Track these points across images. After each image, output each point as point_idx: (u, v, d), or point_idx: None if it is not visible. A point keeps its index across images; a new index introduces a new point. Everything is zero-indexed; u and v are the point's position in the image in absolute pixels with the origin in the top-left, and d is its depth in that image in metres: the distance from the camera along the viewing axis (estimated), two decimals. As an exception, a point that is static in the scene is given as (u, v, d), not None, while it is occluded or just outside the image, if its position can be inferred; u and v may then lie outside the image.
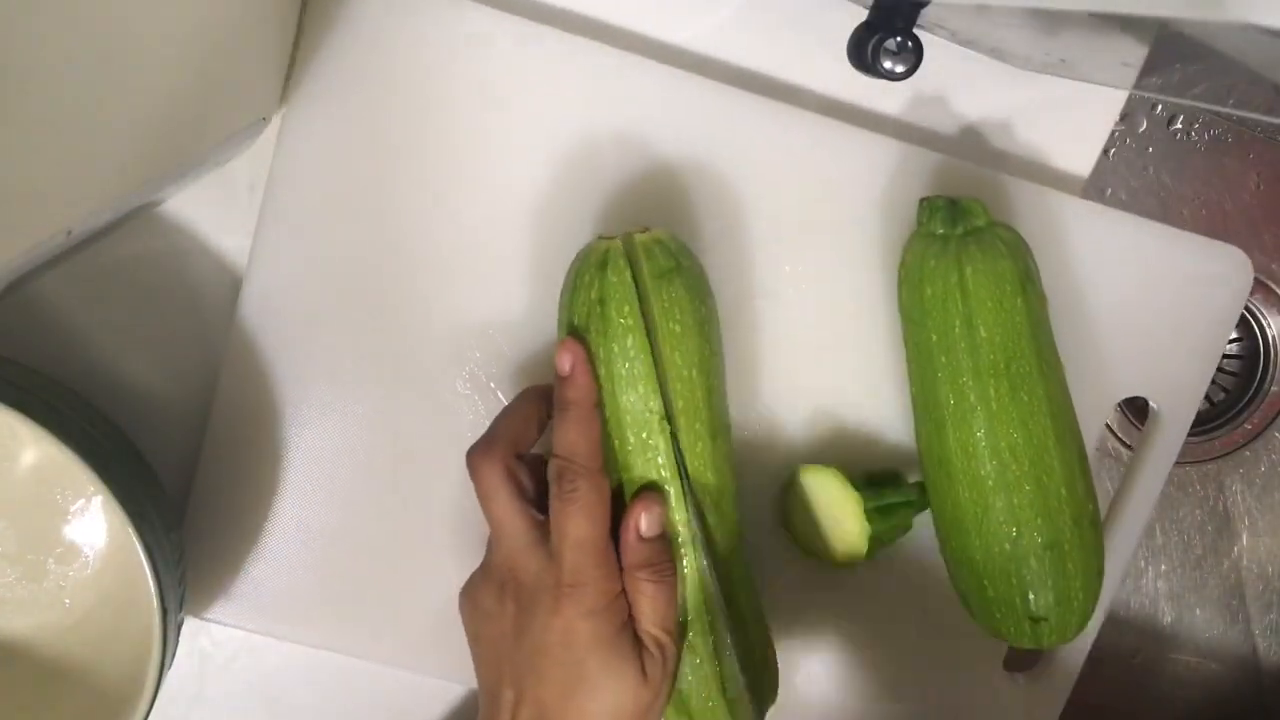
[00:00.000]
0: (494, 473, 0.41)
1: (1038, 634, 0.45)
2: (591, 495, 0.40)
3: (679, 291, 0.42)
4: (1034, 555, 0.44)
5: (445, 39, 0.47)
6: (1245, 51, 0.31)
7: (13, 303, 0.47)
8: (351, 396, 0.48)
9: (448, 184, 0.47)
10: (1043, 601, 0.44)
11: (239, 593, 0.48)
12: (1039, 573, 0.44)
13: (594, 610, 0.39)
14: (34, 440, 0.44)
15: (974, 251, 0.44)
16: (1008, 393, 0.44)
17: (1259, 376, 0.74)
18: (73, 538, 0.46)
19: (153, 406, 0.48)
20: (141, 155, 0.36)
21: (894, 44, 0.41)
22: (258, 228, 0.47)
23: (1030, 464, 0.44)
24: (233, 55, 0.40)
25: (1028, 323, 0.44)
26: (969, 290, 0.44)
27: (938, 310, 0.45)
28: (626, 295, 0.41)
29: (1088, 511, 0.45)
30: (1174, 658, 0.70)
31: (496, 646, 0.41)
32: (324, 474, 0.48)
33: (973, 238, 0.45)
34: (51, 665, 0.45)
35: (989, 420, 0.44)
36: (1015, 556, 0.44)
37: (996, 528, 0.44)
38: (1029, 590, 0.44)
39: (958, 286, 0.44)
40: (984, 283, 0.44)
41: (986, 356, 0.44)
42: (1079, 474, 0.45)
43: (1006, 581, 0.45)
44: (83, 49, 0.29)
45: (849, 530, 0.47)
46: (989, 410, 0.44)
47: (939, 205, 0.46)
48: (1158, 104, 0.63)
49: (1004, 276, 0.44)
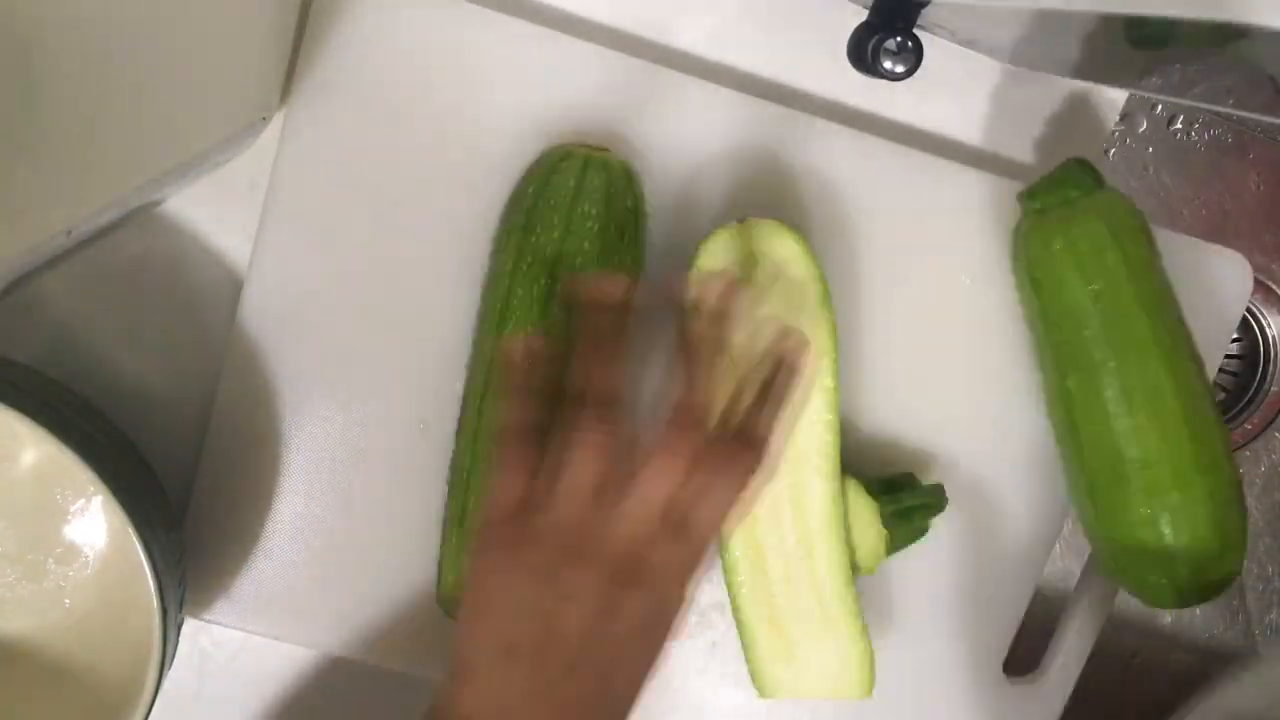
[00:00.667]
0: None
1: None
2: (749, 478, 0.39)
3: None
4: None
5: (445, 39, 0.47)
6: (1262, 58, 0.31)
7: (13, 303, 0.47)
8: (352, 396, 0.48)
9: (448, 184, 0.47)
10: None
11: (239, 593, 0.48)
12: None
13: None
14: (34, 440, 0.44)
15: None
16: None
17: (1259, 376, 0.74)
18: (73, 538, 0.46)
19: (153, 406, 0.48)
20: (141, 155, 0.36)
21: (894, 44, 0.41)
22: (259, 228, 0.47)
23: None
24: (233, 55, 0.40)
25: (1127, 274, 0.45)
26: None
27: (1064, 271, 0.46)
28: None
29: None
30: (1174, 658, 0.70)
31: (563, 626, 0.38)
32: (324, 474, 0.48)
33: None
34: (51, 665, 0.45)
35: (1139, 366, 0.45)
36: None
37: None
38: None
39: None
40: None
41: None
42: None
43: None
44: (83, 49, 0.29)
45: (867, 537, 0.47)
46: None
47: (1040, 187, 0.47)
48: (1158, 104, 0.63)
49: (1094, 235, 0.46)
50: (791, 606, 0.46)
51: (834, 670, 0.47)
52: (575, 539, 0.38)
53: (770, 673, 0.47)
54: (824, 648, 0.47)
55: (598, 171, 0.44)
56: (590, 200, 0.44)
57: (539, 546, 0.38)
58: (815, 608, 0.46)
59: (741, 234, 0.45)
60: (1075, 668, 0.54)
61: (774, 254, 0.45)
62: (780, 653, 0.47)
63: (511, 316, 0.44)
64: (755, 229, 0.45)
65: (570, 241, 0.44)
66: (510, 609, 0.38)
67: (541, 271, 0.44)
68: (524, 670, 0.37)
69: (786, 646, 0.47)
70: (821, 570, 0.46)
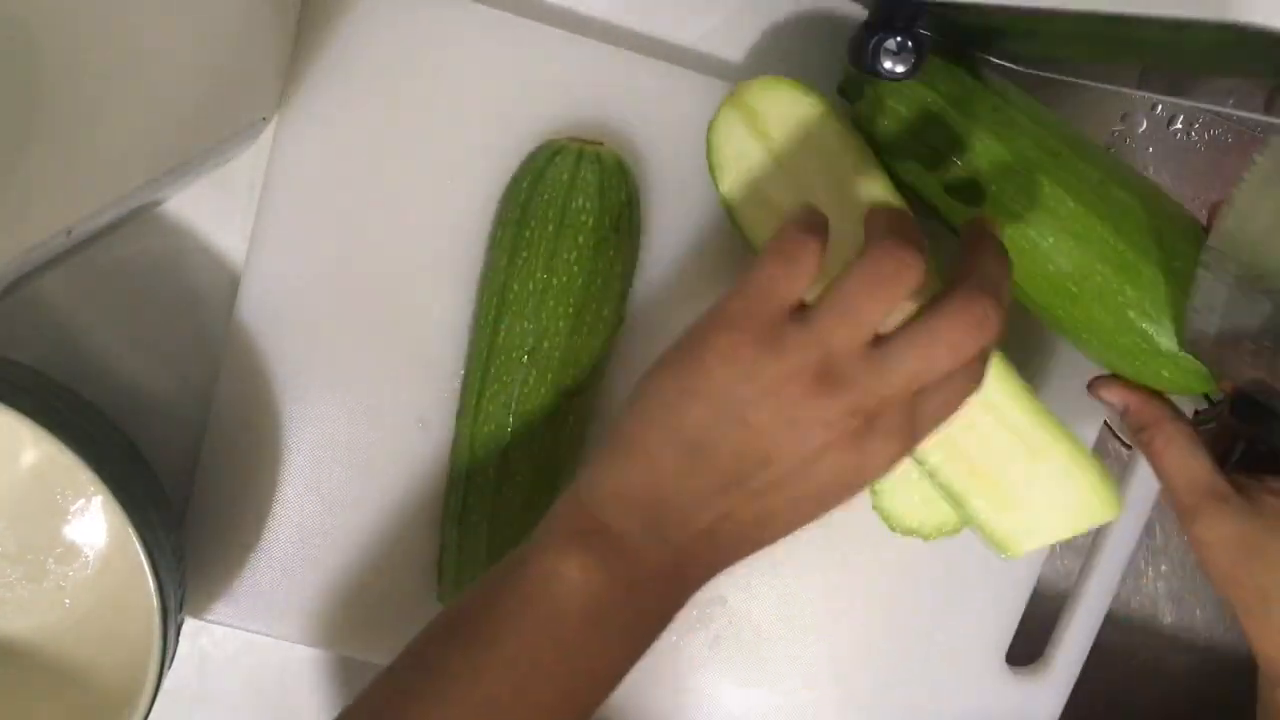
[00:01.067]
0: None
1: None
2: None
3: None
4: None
5: (445, 39, 0.47)
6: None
7: (13, 303, 0.47)
8: (351, 396, 0.48)
9: (447, 183, 0.47)
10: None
11: (239, 593, 0.48)
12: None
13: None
14: (34, 440, 0.44)
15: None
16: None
17: (1259, 376, 0.73)
18: (73, 538, 0.46)
19: (153, 406, 0.48)
20: (141, 155, 0.36)
21: (894, 44, 0.41)
22: (255, 227, 0.47)
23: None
24: (233, 55, 0.40)
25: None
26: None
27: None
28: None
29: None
30: (1174, 658, 0.70)
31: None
32: (324, 474, 0.48)
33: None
34: (51, 665, 0.45)
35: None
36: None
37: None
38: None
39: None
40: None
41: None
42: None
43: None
44: (83, 50, 0.29)
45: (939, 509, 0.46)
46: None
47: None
48: (1158, 104, 0.63)
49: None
50: (989, 452, 0.43)
51: (1068, 501, 0.43)
52: (831, 366, 0.34)
53: (1004, 528, 0.43)
54: (1046, 481, 0.43)
55: (590, 165, 0.44)
56: (584, 194, 0.44)
57: (785, 357, 0.34)
58: (1016, 443, 0.43)
59: (742, 106, 0.43)
60: (1079, 656, 0.54)
61: (783, 113, 0.43)
62: (1004, 503, 0.43)
63: (508, 311, 0.44)
64: (751, 92, 0.43)
65: (565, 236, 0.44)
66: (722, 405, 0.34)
67: (538, 266, 0.44)
68: (711, 474, 0.35)
69: (1006, 494, 0.43)
70: (1001, 400, 0.42)
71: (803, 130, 0.43)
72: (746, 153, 0.43)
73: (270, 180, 0.46)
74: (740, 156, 0.43)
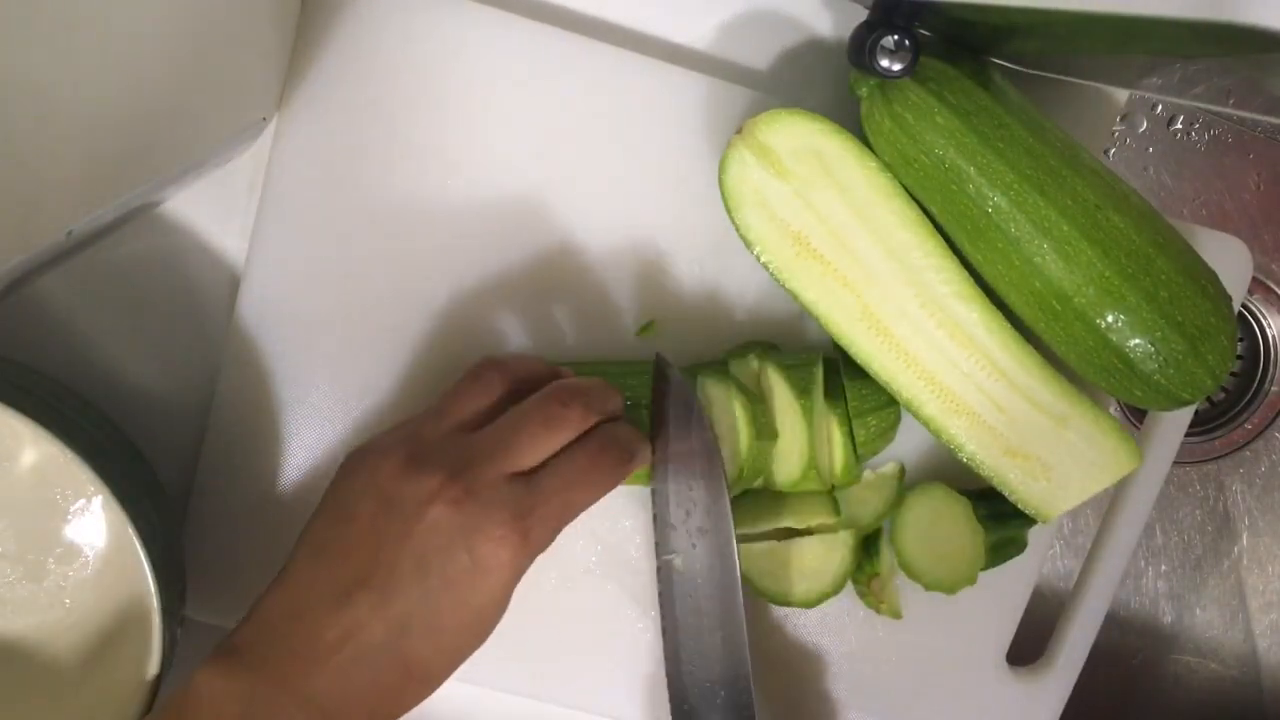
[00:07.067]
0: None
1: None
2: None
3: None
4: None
5: (444, 38, 0.47)
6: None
7: (13, 303, 0.47)
8: (351, 396, 0.48)
9: (446, 183, 0.47)
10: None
11: (239, 593, 0.48)
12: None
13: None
14: (34, 440, 0.44)
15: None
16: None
17: (1259, 376, 0.74)
18: (73, 538, 0.46)
19: (153, 406, 0.49)
20: (141, 155, 0.36)
21: (891, 42, 0.41)
22: (255, 227, 0.47)
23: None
24: (232, 55, 0.40)
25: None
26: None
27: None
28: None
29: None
30: (1174, 658, 0.70)
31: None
32: (324, 474, 0.48)
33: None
34: (51, 665, 0.45)
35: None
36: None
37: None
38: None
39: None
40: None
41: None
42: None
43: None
44: (83, 49, 0.29)
45: (962, 547, 0.48)
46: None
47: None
48: (1158, 104, 0.63)
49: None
50: (1017, 427, 0.45)
51: (1093, 459, 0.46)
52: (418, 449, 0.38)
53: (1039, 497, 0.46)
54: (1071, 445, 0.46)
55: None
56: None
57: (387, 455, 0.38)
58: (1039, 416, 0.45)
59: (750, 142, 0.44)
60: (1079, 656, 0.54)
61: (795, 145, 0.44)
62: (1036, 472, 0.46)
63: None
64: (759, 127, 0.44)
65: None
66: (337, 507, 0.38)
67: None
68: (330, 577, 0.36)
69: (1037, 464, 0.46)
70: (1020, 377, 0.45)
71: (815, 157, 0.44)
72: (760, 187, 0.44)
73: (270, 180, 0.46)
74: (755, 191, 0.44)
